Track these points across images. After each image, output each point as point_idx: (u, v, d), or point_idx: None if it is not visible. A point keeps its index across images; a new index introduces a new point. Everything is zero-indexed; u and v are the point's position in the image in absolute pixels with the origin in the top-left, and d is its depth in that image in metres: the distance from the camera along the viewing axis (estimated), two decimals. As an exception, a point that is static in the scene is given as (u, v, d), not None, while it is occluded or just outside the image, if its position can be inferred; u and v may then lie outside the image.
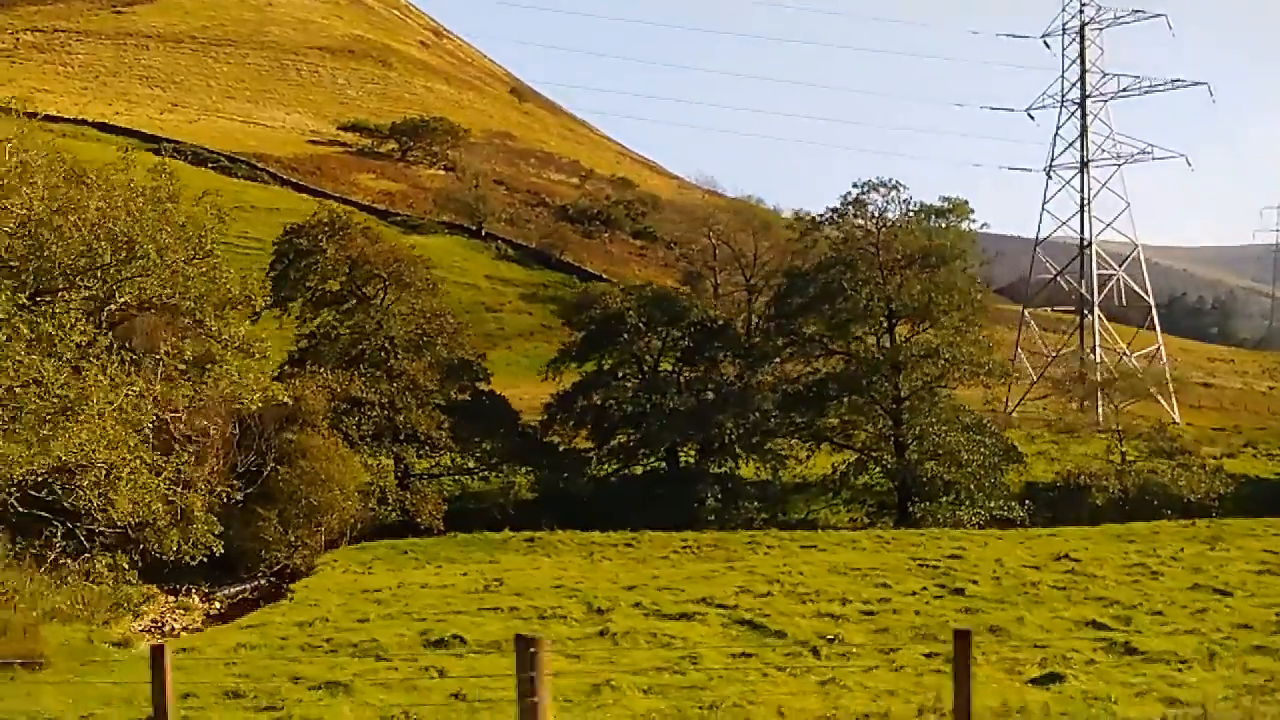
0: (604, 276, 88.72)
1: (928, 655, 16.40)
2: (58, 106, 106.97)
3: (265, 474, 32.68)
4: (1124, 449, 43.25)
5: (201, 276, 29.47)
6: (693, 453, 41.67)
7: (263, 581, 32.26)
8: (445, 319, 41.01)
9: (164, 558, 24.90)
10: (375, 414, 37.62)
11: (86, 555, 23.86)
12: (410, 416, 38.26)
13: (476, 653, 18.54)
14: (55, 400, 23.90)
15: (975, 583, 23.33)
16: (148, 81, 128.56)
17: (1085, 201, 73.06)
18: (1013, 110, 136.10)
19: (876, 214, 42.82)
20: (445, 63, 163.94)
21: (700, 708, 13.95)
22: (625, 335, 41.41)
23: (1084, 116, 73.95)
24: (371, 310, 39.92)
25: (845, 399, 42.13)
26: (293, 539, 33.25)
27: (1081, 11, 74.77)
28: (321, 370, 37.01)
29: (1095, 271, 71.39)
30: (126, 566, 24.15)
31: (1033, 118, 79.09)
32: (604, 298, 41.42)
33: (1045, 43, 76.38)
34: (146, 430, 25.51)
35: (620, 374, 41.49)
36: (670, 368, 42.48)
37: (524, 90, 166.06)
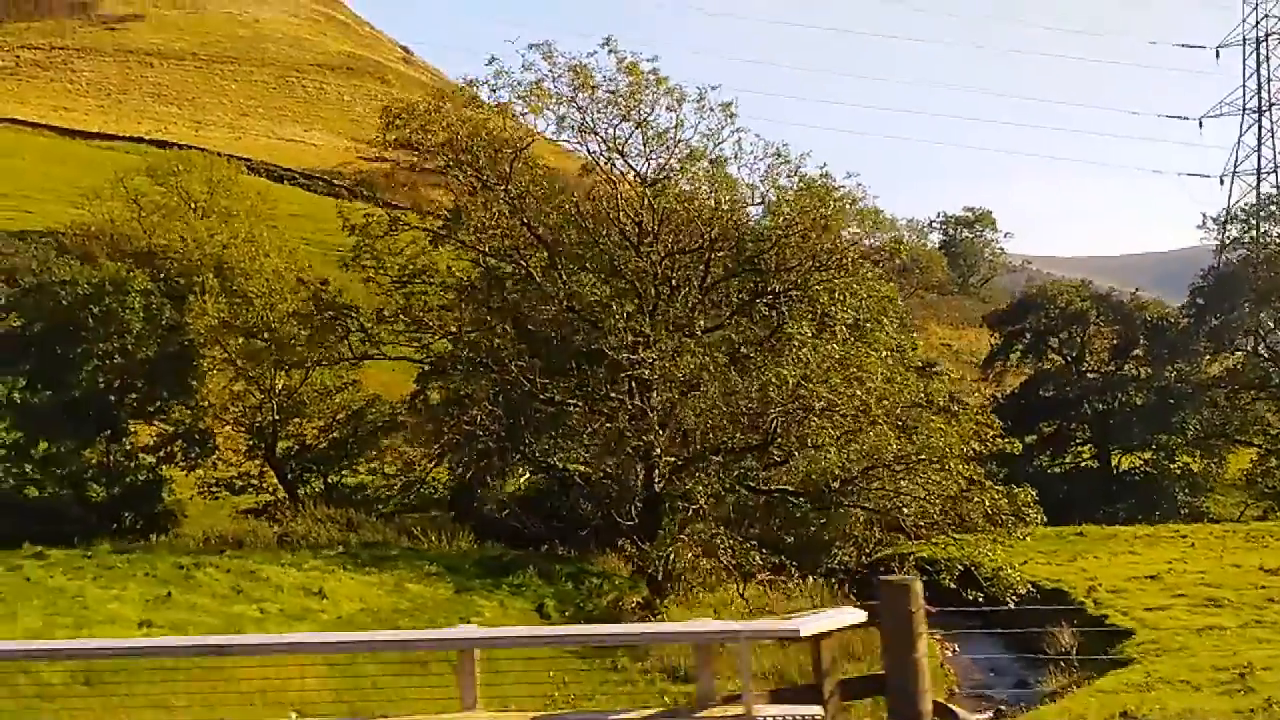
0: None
1: None
2: (99, 124, 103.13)
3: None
4: None
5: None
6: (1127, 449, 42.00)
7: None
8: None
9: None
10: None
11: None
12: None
13: None
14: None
15: None
16: (162, 99, 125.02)
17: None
18: (1187, 119, 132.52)
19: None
20: (430, 79, 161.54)
21: None
22: (1058, 333, 41.73)
23: (1261, 126, 76.54)
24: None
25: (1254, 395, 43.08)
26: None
27: (1259, 25, 77.25)
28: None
29: None
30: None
31: (1201, 126, 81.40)
32: (1058, 297, 41.32)
33: (1216, 53, 78.72)
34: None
35: (1073, 371, 41.72)
36: (1096, 366, 42.85)
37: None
